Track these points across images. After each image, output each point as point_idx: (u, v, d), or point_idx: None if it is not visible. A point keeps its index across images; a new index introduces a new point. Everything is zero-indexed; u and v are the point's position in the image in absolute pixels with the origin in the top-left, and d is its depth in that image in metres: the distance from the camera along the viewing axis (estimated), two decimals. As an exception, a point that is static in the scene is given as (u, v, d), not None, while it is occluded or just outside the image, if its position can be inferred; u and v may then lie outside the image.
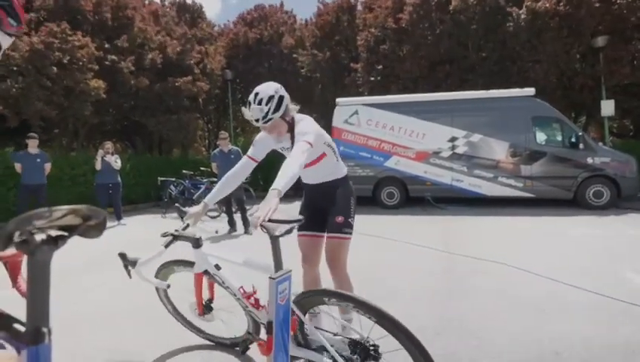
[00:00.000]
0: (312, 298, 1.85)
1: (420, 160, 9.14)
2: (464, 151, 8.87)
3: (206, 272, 2.12)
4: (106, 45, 10.28)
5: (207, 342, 2.49)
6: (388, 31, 12.17)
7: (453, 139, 8.92)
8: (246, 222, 6.66)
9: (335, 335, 1.88)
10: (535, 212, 7.67)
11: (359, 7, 15.11)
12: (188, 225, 2.08)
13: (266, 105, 1.97)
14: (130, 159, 10.97)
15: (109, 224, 7.85)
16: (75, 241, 0.77)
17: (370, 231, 6.20)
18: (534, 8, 10.33)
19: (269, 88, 2.02)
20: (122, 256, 1.87)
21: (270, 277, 1.66)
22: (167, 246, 1.95)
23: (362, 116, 9.57)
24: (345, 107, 9.75)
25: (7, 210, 7.75)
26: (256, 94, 2.00)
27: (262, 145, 2.27)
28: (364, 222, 7.35)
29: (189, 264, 2.20)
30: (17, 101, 8.57)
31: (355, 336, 1.79)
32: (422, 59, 11.61)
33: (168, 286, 2.12)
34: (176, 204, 2.17)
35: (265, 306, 1.95)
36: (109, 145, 8.21)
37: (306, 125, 2.06)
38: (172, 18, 13.97)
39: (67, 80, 8.97)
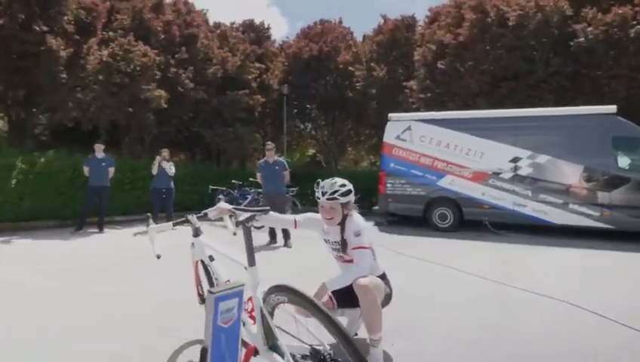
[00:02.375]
0: (272, 295, 1.86)
1: (477, 180, 8.47)
2: (528, 173, 8.06)
3: (202, 261, 2.23)
4: (171, 60, 11.01)
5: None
6: (446, 47, 11.71)
7: (515, 160, 8.16)
8: (287, 235, 6.55)
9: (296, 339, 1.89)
10: (612, 246, 6.66)
11: (420, 23, 14.84)
12: (206, 214, 2.24)
13: (339, 186, 2.30)
14: (186, 167, 11.50)
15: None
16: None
17: (415, 253, 5.75)
18: (604, 20, 9.35)
19: (344, 181, 2.37)
20: (148, 217, 2.16)
21: (209, 291, 1.42)
22: (175, 224, 2.19)
23: (415, 132, 9.15)
24: (397, 122, 9.40)
25: (74, 209, 8.40)
26: (334, 180, 2.36)
27: (311, 222, 2.52)
28: (409, 244, 6.91)
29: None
30: (89, 108, 9.40)
31: (315, 343, 1.77)
32: (483, 75, 10.95)
33: (159, 256, 2.05)
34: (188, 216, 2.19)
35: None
36: (165, 152, 8.63)
37: (359, 222, 2.33)
38: (239, 39, 14.71)
39: (132, 88, 9.68)
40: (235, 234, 2.34)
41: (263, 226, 8.50)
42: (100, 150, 8.04)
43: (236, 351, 1.43)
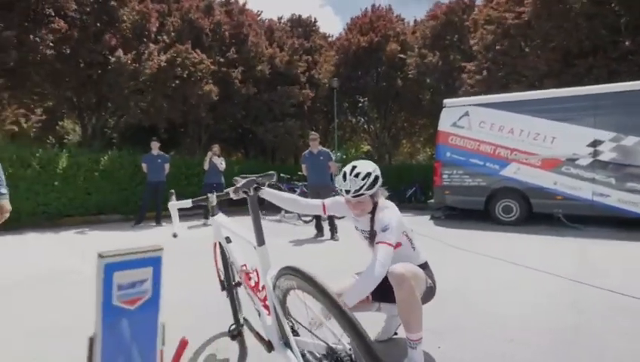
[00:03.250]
0: (281, 279, 1.55)
1: (548, 168, 7.52)
2: (612, 159, 6.98)
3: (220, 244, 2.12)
4: (221, 59, 11.28)
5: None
6: (507, 27, 10.62)
7: (595, 143, 7.11)
8: (333, 228, 6.29)
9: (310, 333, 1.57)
10: None
11: (478, 2, 13.72)
12: (228, 193, 2.01)
13: (362, 180, 1.97)
14: (238, 163, 11.73)
15: (209, 221, 8.54)
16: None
17: (474, 248, 5.18)
18: None
19: (367, 165, 2.04)
20: (171, 193, 2.11)
21: (98, 254, 1.11)
22: (194, 202, 2.05)
23: (474, 118, 8.37)
24: (453, 108, 8.68)
25: (134, 203, 8.91)
26: (354, 167, 2.02)
27: (340, 207, 2.21)
28: (467, 237, 6.28)
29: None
30: (149, 109, 9.94)
31: (332, 341, 1.45)
32: (553, 53, 9.76)
33: (175, 235, 1.90)
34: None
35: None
36: (216, 147, 8.82)
37: (389, 215, 1.98)
38: (285, 32, 14.76)
39: (186, 90, 10.06)
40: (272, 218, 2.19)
41: (311, 220, 8.39)
42: (155, 147, 8.40)
43: (153, 348, 1.01)
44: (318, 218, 6.73)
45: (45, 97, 11.86)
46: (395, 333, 2.25)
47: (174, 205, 1.99)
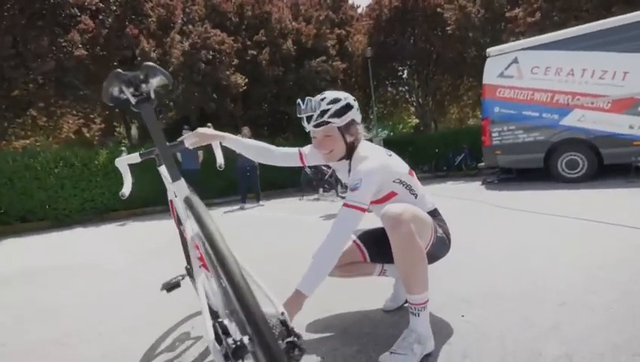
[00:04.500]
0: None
1: (620, 110, 6.36)
2: None
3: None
4: (248, 42, 11.01)
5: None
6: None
7: (682, 73, 5.85)
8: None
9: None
10: None
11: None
12: (182, 142, 1.71)
13: (327, 104, 1.56)
14: (275, 144, 11.52)
15: (248, 205, 8.46)
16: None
17: (529, 207, 4.44)
18: None
19: (338, 93, 1.64)
20: (121, 150, 1.90)
21: None
22: (141, 155, 1.74)
23: (524, 64, 7.33)
24: (499, 57, 7.67)
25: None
26: (322, 95, 1.61)
27: (318, 155, 1.76)
28: (524, 199, 5.50)
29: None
30: (179, 100, 9.98)
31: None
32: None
33: (123, 195, 1.65)
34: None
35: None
36: (246, 129, 8.62)
37: (367, 166, 1.52)
38: (312, 5, 14.14)
39: (214, 75, 9.95)
40: (221, 167, 1.79)
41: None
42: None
43: None
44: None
45: (93, 103, 12.48)
46: (406, 302, 1.77)
47: (122, 160, 1.72)
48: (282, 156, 1.86)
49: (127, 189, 1.66)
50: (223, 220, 6.59)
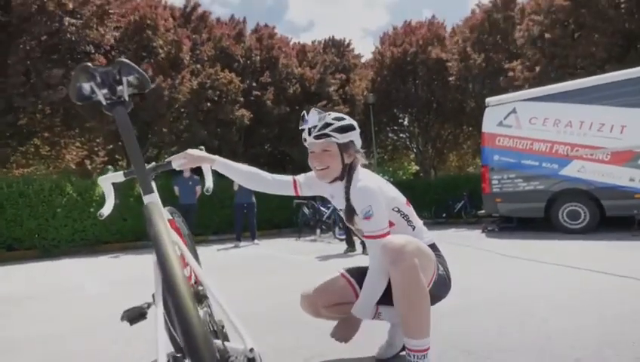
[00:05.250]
0: None
1: (620, 163, 6.37)
2: (703, 145, 5.74)
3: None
4: (253, 83, 11.36)
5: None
6: (555, 14, 9.62)
7: (679, 128, 5.91)
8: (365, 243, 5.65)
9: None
10: None
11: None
12: (170, 162, 1.61)
13: (332, 119, 1.54)
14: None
15: (243, 244, 8.25)
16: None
17: (531, 256, 4.28)
18: None
19: (343, 115, 1.60)
20: (108, 168, 1.47)
21: None
22: (125, 175, 1.59)
23: (522, 114, 7.46)
24: (498, 106, 7.83)
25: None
26: (328, 112, 1.60)
27: (314, 181, 1.72)
28: (525, 247, 5.34)
29: None
30: (183, 135, 10.10)
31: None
32: (612, 36, 8.60)
33: (101, 215, 1.51)
34: None
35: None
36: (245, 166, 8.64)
37: (368, 190, 1.48)
38: (318, 53, 14.74)
39: (218, 112, 10.13)
40: (208, 191, 1.67)
41: (345, 238, 7.78)
42: (187, 170, 8.36)
43: None
44: (349, 232, 6.13)
45: (97, 135, 12.61)
46: (403, 348, 1.60)
47: (105, 179, 1.60)
48: (275, 183, 1.77)
49: (107, 209, 1.54)
50: (216, 257, 6.39)
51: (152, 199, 1.14)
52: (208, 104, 10.27)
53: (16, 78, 8.62)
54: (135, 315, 1.09)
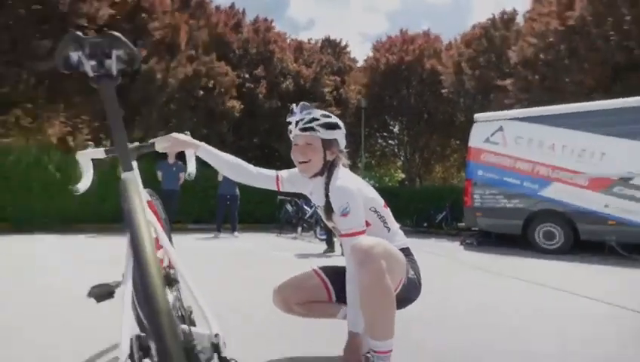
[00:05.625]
0: None
1: (597, 189, 6.57)
2: (676, 178, 5.96)
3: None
4: (247, 75, 11.29)
5: None
6: (550, 38, 9.86)
7: (655, 160, 6.13)
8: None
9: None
10: None
11: (518, 19, 13.08)
12: (153, 144, 1.59)
13: (320, 115, 1.58)
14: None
15: (223, 235, 8.19)
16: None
17: (504, 271, 4.38)
18: None
19: (331, 114, 1.63)
20: (89, 144, 1.67)
21: None
22: (106, 151, 1.57)
23: (509, 133, 7.61)
24: (486, 123, 7.97)
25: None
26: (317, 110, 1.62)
27: (296, 178, 1.74)
28: (499, 263, 5.46)
29: None
30: (171, 120, 9.96)
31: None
32: (601, 66, 8.87)
33: (76, 191, 1.50)
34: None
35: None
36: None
37: (347, 187, 1.51)
38: (314, 52, 14.75)
39: (210, 102, 10.02)
40: (190, 176, 1.65)
41: (326, 238, 7.79)
42: (172, 156, 8.23)
43: None
44: (330, 233, 6.15)
45: (82, 112, 12.30)
46: (369, 352, 1.61)
47: (85, 153, 1.56)
48: (258, 176, 1.76)
49: (83, 185, 1.52)
50: (194, 246, 6.32)
51: (130, 176, 1.12)
52: (201, 92, 10.14)
53: (1, 45, 8.33)
54: (103, 293, 1.06)
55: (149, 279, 0.65)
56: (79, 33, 0.93)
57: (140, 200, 0.83)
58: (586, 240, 6.64)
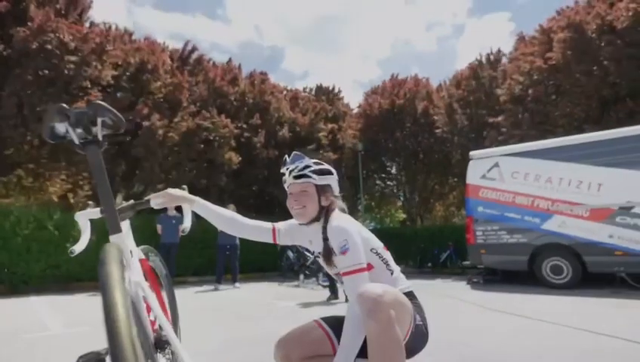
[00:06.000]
0: None
1: (598, 219, 6.52)
2: (677, 205, 5.94)
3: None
4: (244, 126, 11.62)
5: None
6: (535, 76, 10.29)
7: (653, 188, 6.14)
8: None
9: None
10: None
11: (504, 60, 13.69)
12: (148, 201, 1.60)
13: (312, 163, 1.62)
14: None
15: (223, 286, 7.99)
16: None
17: (515, 310, 4.23)
18: None
19: (324, 163, 1.68)
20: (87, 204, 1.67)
21: None
22: (102, 212, 1.49)
23: (505, 168, 7.69)
24: (481, 160, 8.07)
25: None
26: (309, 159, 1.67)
27: (294, 229, 1.74)
28: (509, 301, 5.29)
29: None
30: (172, 172, 10.10)
31: None
32: (588, 98, 9.16)
33: (71, 252, 1.45)
34: None
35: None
36: (231, 206, 8.54)
37: (345, 226, 1.51)
38: (309, 100, 15.27)
39: (209, 154, 10.22)
40: (184, 231, 1.64)
41: (329, 285, 7.60)
42: (171, 208, 8.26)
43: None
44: (332, 280, 6.02)
45: (83, 169, 12.48)
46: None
47: (82, 214, 1.57)
48: (254, 229, 1.76)
49: (80, 246, 1.51)
50: (193, 300, 6.15)
51: (118, 240, 1.13)
52: (202, 145, 10.40)
53: (9, 109, 8.63)
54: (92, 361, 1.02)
55: (117, 350, 0.63)
56: (64, 105, 0.99)
57: (120, 267, 0.82)
58: (595, 272, 6.49)
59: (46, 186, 14.61)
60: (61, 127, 1.00)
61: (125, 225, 1.40)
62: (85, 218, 1.58)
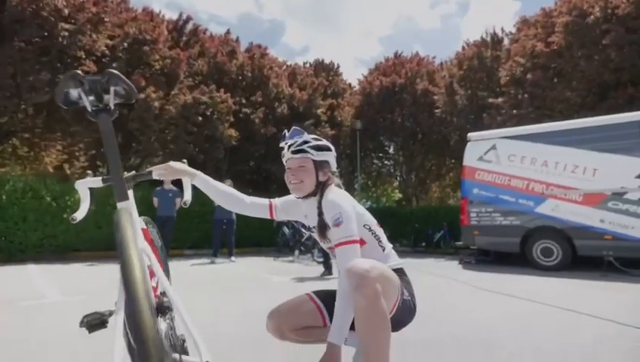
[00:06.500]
0: None
1: (591, 204, 6.60)
2: (669, 191, 6.02)
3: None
4: (243, 101, 11.48)
5: None
6: (536, 59, 10.15)
7: (646, 174, 6.20)
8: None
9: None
10: None
11: (505, 42, 13.45)
12: (150, 172, 1.62)
13: (311, 138, 1.63)
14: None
15: (219, 260, 8.11)
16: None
17: (505, 290, 4.35)
18: None
19: (322, 139, 1.69)
20: (87, 173, 1.75)
21: None
22: (104, 181, 1.57)
23: (502, 151, 7.71)
24: (479, 142, 8.07)
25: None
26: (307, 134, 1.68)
27: (291, 205, 1.78)
28: (499, 281, 5.42)
29: None
30: (170, 145, 10.06)
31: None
32: (587, 84, 9.09)
33: (73, 219, 1.44)
34: None
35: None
36: (228, 182, 8.57)
37: (339, 200, 1.55)
38: (308, 75, 15.04)
39: (208, 128, 10.16)
40: (185, 204, 1.65)
41: (323, 261, 7.73)
42: (168, 182, 8.25)
43: None
44: (327, 256, 6.12)
45: (80, 140, 12.38)
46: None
47: (83, 183, 1.57)
48: (252, 205, 1.79)
49: (80, 213, 1.52)
50: (189, 272, 6.26)
51: (126, 206, 1.15)
52: (200, 118, 10.31)
53: (4, 79, 8.47)
54: (95, 322, 1.05)
55: (137, 309, 0.66)
56: (78, 71, 0.99)
57: (133, 230, 0.86)
58: (585, 256, 6.62)
59: (42, 157, 14.54)
60: (74, 93, 1.01)
61: (130, 194, 1.42)
62: (86, 186, 1.59)
